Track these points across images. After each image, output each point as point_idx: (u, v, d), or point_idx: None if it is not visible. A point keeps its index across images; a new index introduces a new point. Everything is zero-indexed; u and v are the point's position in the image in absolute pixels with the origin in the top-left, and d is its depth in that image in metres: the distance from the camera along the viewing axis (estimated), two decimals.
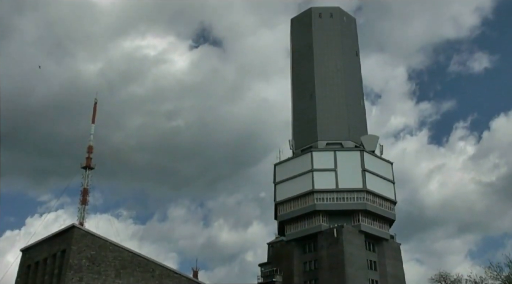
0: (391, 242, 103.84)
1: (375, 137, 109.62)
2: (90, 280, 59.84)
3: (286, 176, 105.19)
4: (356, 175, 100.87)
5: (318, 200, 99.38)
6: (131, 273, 63.20)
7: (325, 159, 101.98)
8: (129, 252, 64.60)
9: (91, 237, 62.81)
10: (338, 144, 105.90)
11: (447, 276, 49.98)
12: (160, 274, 65.67)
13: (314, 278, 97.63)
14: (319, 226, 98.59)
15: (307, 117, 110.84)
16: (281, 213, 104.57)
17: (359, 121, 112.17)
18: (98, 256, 61.52)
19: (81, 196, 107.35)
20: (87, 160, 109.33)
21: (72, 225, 64.90)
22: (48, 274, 63.23)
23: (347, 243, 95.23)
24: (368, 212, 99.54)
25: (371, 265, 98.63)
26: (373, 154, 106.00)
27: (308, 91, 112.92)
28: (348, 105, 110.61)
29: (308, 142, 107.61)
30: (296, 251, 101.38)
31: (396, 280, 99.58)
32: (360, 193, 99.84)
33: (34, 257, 67.81)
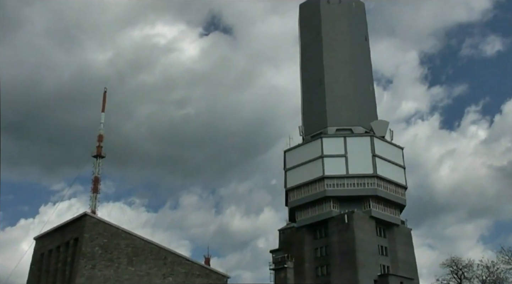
0: (402, 228, 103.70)
1: (385, 123, 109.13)
2: (103, 267, 60.28)
3: (297, 162, 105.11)
4: (366, 160, 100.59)
5: (329, 185, 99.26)
6: (144, 261, 63.60)
7: (335, 144, 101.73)
8: (141, 239, 64.99)
9: (103, 225, 63.21)
10: (348, 130, 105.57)
11: (459, 261, 49.91)
12: (172, 261, 66.04)
13: (325, 264, 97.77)
14: (330, 212, 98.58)
15: (316, 104, 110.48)
16: (291, 199, 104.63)
17: (369, 107, 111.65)
18: (110, 243, 61.92)
19: (93, 184, 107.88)
20: (98, 149, 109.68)
21: (84, 213, 65.36)
22: (62, 262, 63.80)
23: (358, 228, 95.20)
24: (378, 197, 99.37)
25: (382, 250, 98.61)
26: (383, 139, 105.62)
27: (317, 77, 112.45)
28: (357, 90, 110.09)
29: (318, 128, 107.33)
30: (307, 237, 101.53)
31: (408, 266, 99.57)
32: (371, 179, 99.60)
33: (47, 245, 68.40)
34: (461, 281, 48.26)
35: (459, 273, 48.76)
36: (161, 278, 64.18)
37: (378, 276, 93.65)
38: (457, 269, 48.91)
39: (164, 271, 64.68)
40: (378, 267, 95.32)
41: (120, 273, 61.29)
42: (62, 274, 63.06)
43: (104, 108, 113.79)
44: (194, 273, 67.25)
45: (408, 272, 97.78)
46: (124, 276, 61.43)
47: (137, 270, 62.70)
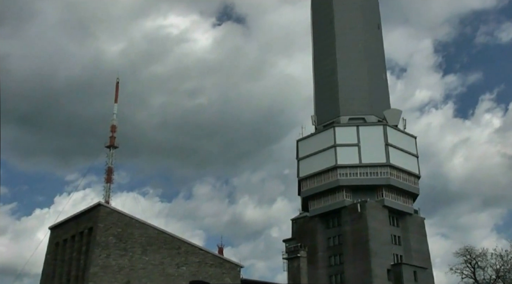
0: (415, 217, 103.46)
1: (398, 111, 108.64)
2: (117, 257, 60.76)
3: (309, 152, 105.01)
4: (379, 149, 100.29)
5: (342, 175, 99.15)
6: (157, 250, 64.01)
7: (348, 134, 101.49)
8: (155, 229, 65.38)
9: (117, 215, 63.64)
10: (361, 119, 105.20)
11: (472, 250, 49.79)
12: (186, 250, 66.41)
13: (338, 253, 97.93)
14: (343, 201, 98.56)
15: (329, 93, 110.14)
16: (304, 189, 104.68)
17: (382, 96, 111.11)
18: (124, 233, 62.37)
19: (106, 174, 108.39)
20: (111, 139, 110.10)
21: (98, 203, 65.82)
22: (76, 251, 64.39)
23: (371, 218, 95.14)
24: (391, 186, 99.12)
25: (395, 240, 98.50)
26: (396, 128, 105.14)
27: (329, 66, 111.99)
28: (370, 79, 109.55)
29: (330, 117, 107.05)
30: (320, 226, 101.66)
31: (421, 255, 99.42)
32: (384, 168, 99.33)
33: (62, 234, 69.03)
34: (475, 270, 48.15)
35: (473, 262, 48.68)
36: (174, 267, 64.61)
37: (391, 265, 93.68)
38: (470, 258, 48.82)
39: (177, 261, 65.10)
40: (391, 256, 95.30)
41: (134, 262, 61.79)
42: (77, 263, 63.68)
43: (116, 99, 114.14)
44: (208, 263, 67.60)
45: (421, 261, 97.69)
46: (138, 266, 61.92)
47: (151, 260, 63.16)
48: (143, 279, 61.35)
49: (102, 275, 59.01)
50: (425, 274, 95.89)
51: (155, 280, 62.33)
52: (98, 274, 58.88)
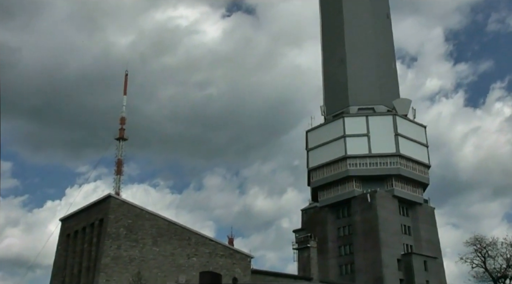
0: (425, 206, 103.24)
1: (408, 101, 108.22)
2: (128, 248, 61.24)
3: (319, 142, 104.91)
4: (388, 139, 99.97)
5: (351, 165, 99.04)
6: (168, 241, 64.43)
7: (357, 124, 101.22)
8: (165, 220, 65.79)
9: (128, 206, 64.08)
10: (370, 109, 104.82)
11: (483, 239, 49.54)
12: (196, 241, 66.82)
13: (348, 243, 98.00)
14: (352, 191, 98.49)
15: (338, 83, 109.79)
16: (314, 179, 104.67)
17: (391, 85, 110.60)
18: (135, 224, 62.83)
19: (116, 166, 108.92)
20: (120, 131, 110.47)
21: (108, 194, 66.30)
22: (87, 243, 64.96)
23: (381, 208, 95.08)
24: (401, 176, 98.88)
25: (405, 229, 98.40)
26: (406, 117, 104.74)
27: (338, 56, 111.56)
28: (379, 69, 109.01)
29: (339, 108, 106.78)
30: (330, 216, 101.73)
31: (431, 245, 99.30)
32: (393, 158, 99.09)
33: (73, 226, 69.61)
34: (485, 259, 48.03)
35: (483, 251, 48.52)
36: (185, 258, 65.01)
37: (401, 255, 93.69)
38: (481, 247, 48.64)
39: (188, 251, 65.50)
40: (401, 246, 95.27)
41: (145, 254, 62.24)
42: (88, 254, 64.24)
43: (125, 91, 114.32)
44: (218, 253, 67.97)
45: (432, 251, 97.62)
46: (149, 256, 62.37)
47: (161, 251, 63.59)
48: (154, 269, 61.81)
49: (113, 266, 59.53)
50: (435, 263, 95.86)
51: (166, 270, 62.77)
52: (109, 265, 59.40)
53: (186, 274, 64.13)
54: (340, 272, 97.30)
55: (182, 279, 63.47)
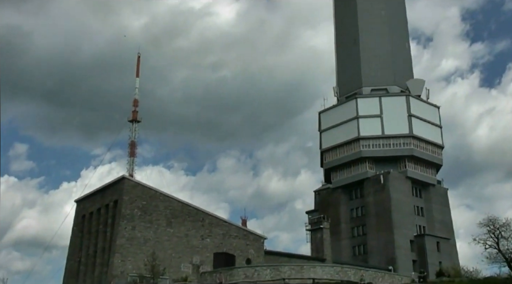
0: (438, 188, 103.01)
1: (421, 81, 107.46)
2: (142, 229, 61.88)
3: (331, 124, 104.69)
4: (402, 120, 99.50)
5: (364, 146, 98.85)
6: (182, 222, 65.00)
7: (370, 105, 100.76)
8: (179, 202, 66.31)
9: (142, 188, 64.62)
10: (383, 90, 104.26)
11: (496, 220, 49.46)
12: (210, 223, 67.36)
13: (361, 224, 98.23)
14: (366, 172, 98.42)
15: (351, 64, 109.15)
16: (327, 161, 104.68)
17: (405, 66, 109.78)
18: (149, 206, 63.40)
19: (129, 148, 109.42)
20: (133, 113, 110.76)
21: (122, 176, 66.89)
22: (102, 224, 65.71)
23: (394, 189, 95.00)
24: (414, 157, 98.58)
25: (418, 211, 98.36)
26: (419, 98, 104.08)
27: (352, 36, 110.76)
28: (393, 49, 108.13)
29: (352, 89, 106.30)
30: (343, 198, 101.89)
31: (444, 226, 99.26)
32: (407, 139, 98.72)
33: (88, 207, 70.36)
34: (498, 240, 47.97)
35: (496, 232, 48.45)
36: (199, 239, 65.61)
37: (414, 236, 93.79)
38: (494, 228, 48.54)
39: (202, 233, 66.09)
40: (414, 227, 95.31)
41: (159, 235, 62.87)
42: (103, 235, 65.01)
43: (138, 74, 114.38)
44: (232, 235, 68.54)
45: (444, 232, 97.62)
46: (163, 237, 63.00)
47: (175, 232, 64.20)
48: (168, 250, 62.48)
49: (128, 246, 60.24)
50: (448, 244, 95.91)
51: (180, 251, 63.44)
52: (124, 245, 60.12)
53: (200, 255, 64.80)
54: (353, 253, 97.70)
55: (197, 260, 64.15)
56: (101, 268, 62.65)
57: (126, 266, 59.02)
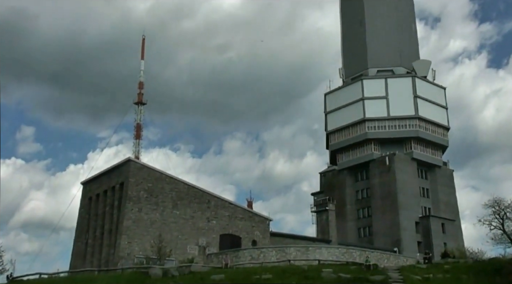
0: (444, 169, 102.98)
1: (427, 62, 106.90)
2: (148, 211, 62.21)
3: (337, 105, 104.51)
4: (407, 101, 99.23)
5: (370, 128, 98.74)
6: (188, 204, 65.30)
7: (376, 86, 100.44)
8: (184, 184, 66.52)
9: (147, 170, 64.84)
10: (389, 71, 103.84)
11: (501, 201, 49.42)
12: (216, 205, 67.64)
13: (366, 206, 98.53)
14: (371, 154, 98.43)
15: (357, 45, 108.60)
16: (332, 142, 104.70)
17: (411, 47, 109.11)
18: (155, 188, 63.66)
19: (135, 131, 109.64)
20: (139, 96, 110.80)
21: (128, 158, 67.13)
22: (109, 205, 66.06)
23: (399, 170, 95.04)
24: (420, 139, 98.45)
25: (424, 192, 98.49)
26: (425, 79, 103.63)
27: (357, 18, 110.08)
28: (399, 30, 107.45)
29: (358, 70, 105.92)
30: (348, 179, 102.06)
31: (449, 207, 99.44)
32: (412, 120, 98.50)
33: (94, 189, 70.72)
34: (503, 221, 47.92)
35: (501, 213, 48.40)
36: (205, 221, 65.95)
37: (419, 218, 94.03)
38: (499, 209, 48.50)
39: (208, 215, 66.41)
40: (419, 209, 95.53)
41: (165, 216, 63.21)
42: (110, 217, 65.41)
43: (143, 56, 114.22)
44: (237, 216, 68.85)
45: (450, 214, 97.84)
46: (169, 219, 63.34)
47: (181, 214, 64.52)
48: (174, 232, 62.85)
49: (134, 228, 60.64)
50: (453, 226, 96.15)
51: (186, 233, 63.80)
52: (131, 227, 60.52)
53: (206, 236, 65.18)
54: (359, 234, 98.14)
55: (203, 242, 64.55)
56: (108, 250, 63.15)
57: (133, 247, 59.45)
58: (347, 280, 38.22)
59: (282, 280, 38.37)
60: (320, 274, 39.79)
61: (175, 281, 39.36)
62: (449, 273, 41.20)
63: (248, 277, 39.41)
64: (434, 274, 40.82)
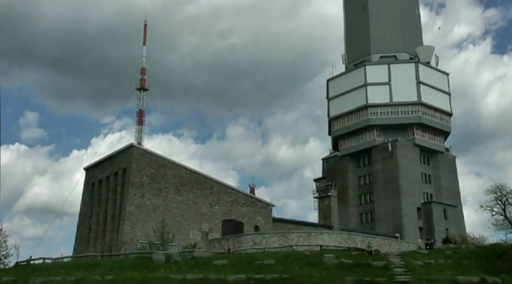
0: (446, 155, 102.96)
1: (431, 48, 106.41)
2: (151, 196, 62.49)
3: (340, 91, 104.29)
4: (410, 87, 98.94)
5: (372, 114, 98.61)
6: (190, 190, 65.57)
7: (379, 72, 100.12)
8: (187, 169, 66.72)
9: (150, 156, 65.05)
10: (392, 57, 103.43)
11: (503, 187, 49.49)
12: (218, 190, 67.91)
13: (368, 192, 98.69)
14: (374, 140, 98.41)
15: (360, 31, 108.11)
16: (335, 129, 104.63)
17: (415, 32, 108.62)
18: (157, 173, 63.89)
19: (137, 117, 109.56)
20: (141, 82, 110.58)
21: (130, 144, 67.27)
22: (112, 191, 66.34)
23: (402, 156, 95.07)
24: (422, 124, 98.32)
25: (426, 178, 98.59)
26: (428, 65, 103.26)
27: (361, 3, 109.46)
28: (402, 16, 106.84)
29: (361, 56, 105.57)
30: (351, 165, 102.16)
31: (451, 193, 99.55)
32: (415, 106, 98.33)
33: (97, 175, 70.98)
34: (505, 207, 48.04)
35: (503, 199, 48.54)
36: (207, 206, 66.25)
37: (421, 204, 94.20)
38: (501, 195, 48.67)
39: (210, 200, 66.69)
40: (421, 195, 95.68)
41: (168, 202, 63.50)
42: (112, 202, 65.72)
43: (145, 42, 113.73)
44: (240, 202, 69.15)
45: (452, 199, 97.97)
46: (172, 205, 63.64)
47: (184, 199, 64.82)
48: (177, 218, 63.18)
49: (137, 214, 60.97)
50: (454, 211, 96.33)
51: (189, 219, 64.14)
52: (133, 213, 60.84)
53: (208, 222, 65.51)
54: (361, 220, 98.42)
55: (205, 227, 64.87)
56: (111, 235, 63.50)
57: (136, 233, 59.79)
58: (349, 266, 38.45)
59: (284, 266, 38.60)
60: (322, 260, 40.03)
61: (178, 266, 39.61)
62: (450, 259, 41.44)
63: (251, 262, 39.65)
64: (435, 260, 41.06)
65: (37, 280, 35.22)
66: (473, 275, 35.30)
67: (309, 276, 35.31)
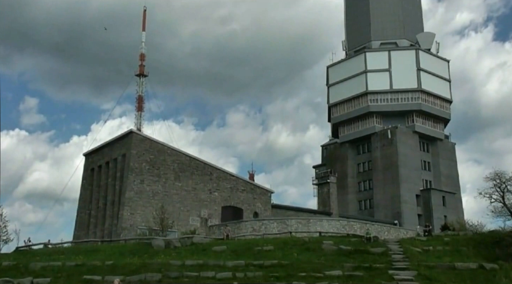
0: (446, 142, 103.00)
1: (431, 35, 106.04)
2: (151, 182, 62.56)
3: (339, 78, 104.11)
4: (410, 74, 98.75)
5: (372, 101, 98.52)
6: (190, 176, 65.65)
7: (379, 59, 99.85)
8: (186, 156, 66.75)
9: (149, 142, 65.06)
10: (393, 43, 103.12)
11: (502, 174, 49.51)
12: (218, 177, 67.99)
13: (368, 179, 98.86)
14: (373, 127, 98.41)
15: (360, 17, 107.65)
16: (334, 115, 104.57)
17: (415, 19, 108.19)
18: (157, 159, 63.93)
19: (137, 103, 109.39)
20: (140, 68, 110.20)
21: (129, 130, 67.23)
22: (111, 177, 66.40)
23: (401, 143, 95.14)
24: (422, 112, 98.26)
25: (425, 165, 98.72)
26: (429, 52, 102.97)
27: None
28: (403, 2, 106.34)
29: (361, 42, 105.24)
30: (350, 152, 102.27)
31: (450, 180, 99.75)
32: (415, 93, 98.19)
33: (97, 161, 71.01)
34: (504, 194, 48.09)
35: (502, 186, 48.57)
36: (207, 193, 66.36)
37: (420, 191, 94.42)
38: (500, 182, 48.71)
39: (210, 187, 66.79)
40: (420, 182, 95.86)
41: (167, 188, 63.59)
42: (112, 188, 65.81)
43: (144, 27, 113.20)
44: (239, 188, 69.25)
45: (451, 187, 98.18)
46: (171, 191, 63.74)
47: (184, 186, 64.90)
48: (176, 204, 63.31)
49: (137, 199, 61.07)
50: (453, 199, 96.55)
51: (188, 205, 64.28)
52: (133, 199, 60.94)
53: (208, 208, 65.65)
54: (359, 207, 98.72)
55: (205, 213, 65.04)
56: (111, 221, 63.66)
57: (135, 218, 59.95)
58: (348, 252, 38.62)
59: (283, 252, 38.80)
60: (321, 246, 40.22)
61: (177, 252, 39.79)
62: (448, 245, 41.60)
63: (250, 248, 39.84)
64: (434, 246, 41.23)
65: (37, 265, 35.35)
66: (471, 262, 35.44)
67: (308, 262, 35.48)
